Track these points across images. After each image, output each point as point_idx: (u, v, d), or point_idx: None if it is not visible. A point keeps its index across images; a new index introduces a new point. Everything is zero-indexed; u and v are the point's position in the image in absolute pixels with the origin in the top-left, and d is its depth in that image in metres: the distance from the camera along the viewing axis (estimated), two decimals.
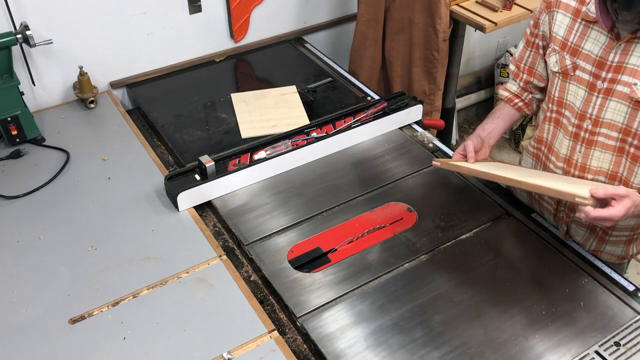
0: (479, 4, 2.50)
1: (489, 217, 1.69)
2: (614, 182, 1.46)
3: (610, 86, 1.36)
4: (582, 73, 1.41)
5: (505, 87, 1.73)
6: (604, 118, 1.40)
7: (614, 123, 1.38)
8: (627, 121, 1.36)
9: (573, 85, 1.44)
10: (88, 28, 2.13)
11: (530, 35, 1.59)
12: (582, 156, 1.47)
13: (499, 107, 1.73)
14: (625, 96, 1.34)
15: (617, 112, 1.37)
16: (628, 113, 1.35)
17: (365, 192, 1.80)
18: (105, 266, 1.55)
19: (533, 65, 1.61)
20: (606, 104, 1.38)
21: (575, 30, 1.41)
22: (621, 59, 1.33)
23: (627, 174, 1.42)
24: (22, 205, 1.73)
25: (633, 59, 1.31)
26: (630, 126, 1.36)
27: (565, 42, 1.44)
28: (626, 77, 1.33)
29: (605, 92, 1.37)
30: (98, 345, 1.36)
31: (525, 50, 1.62)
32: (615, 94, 1.36)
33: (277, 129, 2.01)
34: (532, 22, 1.57)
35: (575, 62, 1.42)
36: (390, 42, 2.52)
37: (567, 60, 1.43)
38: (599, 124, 1.41)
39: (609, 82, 1.36)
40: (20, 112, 1.91)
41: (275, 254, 1.59)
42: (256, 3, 2.44)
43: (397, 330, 1.39)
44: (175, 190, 1.69)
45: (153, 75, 2.34)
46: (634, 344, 1.35)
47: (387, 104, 2.05)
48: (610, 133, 1.40)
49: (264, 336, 1.38)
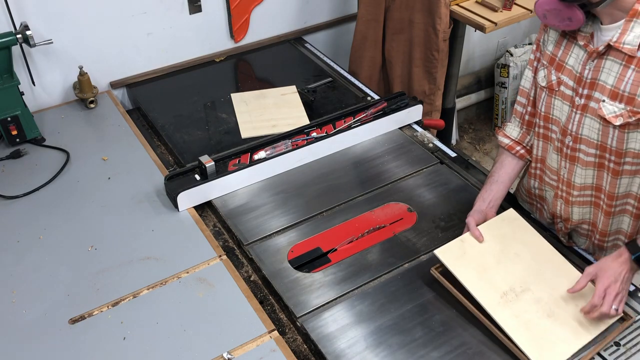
0: (479, 4, 2.50)
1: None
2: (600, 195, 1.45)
3: (586, 102, 1.35)
4: (565, 88, 1.40)
5: (505, 134, 1.64)
6: (582, 135, 1.39)
7: (590, 140, 1.38)
8: (600, 138, 1.35)
9: (558, 101, 1.43)
10: (88, 28, 2.13)
11: (534, 60, 1.53)
12: (567, 172, 1.47)
13: (497, 167, 1.62)
14: (595, 113, 1.33)
15: (591, 129, 1.36)
16: (600, 130, 1.34)
17: (365, 192, 1.80)
18: (105, 266, 1.55)
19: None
20: (582, 121, 1.37)
21: (562, 45, 1.40)
22: (594, 75, 1.32)
23: (610, 188, 1.41)
24: (22, 205, 1.73)
25: (603, 76, 1.30)
26: (604, 142, 1.35)
27: (554, 57, 1.42)
28: (597, 94, 1.32)
29: (582, 108, 1.36)
30: (98, 345, 1.36)
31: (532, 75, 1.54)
32: (589, 111, 1.35)
33: (277, 129, 2.01)
34: (534, 47, 1.53)
35: (560, 77, 1.41)
36: (390, 42, 2.52)
37: (553, 75, 1.42)
38: (578, 141, 1.40)
39: (585, 98, 1.35)
40: (20, 112, 1.91)
41: (275, 254, 1.59)
42: (256, 3, 2.44)
43: (397, 330, 1.39)
44: (175, 190, 1.69)
45: (153, 75, 2.34)
46: (634, 344, 1.35)
47: (387, 104, 2.05)
48: (588, 150, 1.39)
49: (264, 336, 1.38)
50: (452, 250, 1.46)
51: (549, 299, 1.39)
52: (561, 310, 1.37)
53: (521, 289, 1.40)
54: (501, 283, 1.41)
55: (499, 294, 1.38)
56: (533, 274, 1.44)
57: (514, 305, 1.37)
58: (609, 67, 1.29)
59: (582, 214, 1.51)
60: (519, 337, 1.30)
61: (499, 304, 1.36)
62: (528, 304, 1.38)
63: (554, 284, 1.41)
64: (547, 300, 1.38)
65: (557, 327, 1.34)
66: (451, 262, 1.43)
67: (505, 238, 1.50)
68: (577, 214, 1.52)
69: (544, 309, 1.37)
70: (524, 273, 1.44)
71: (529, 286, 1.41)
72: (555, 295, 1.39)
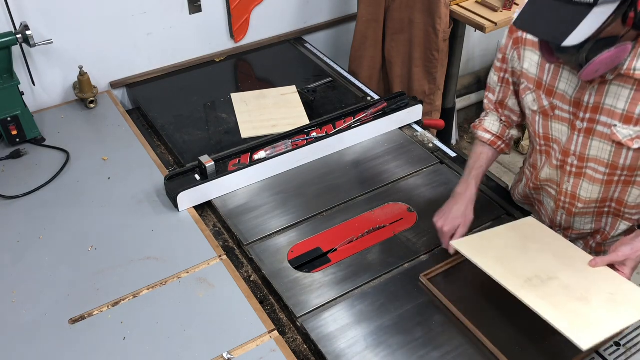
0: (479, 4, 2.50)
1: (489, 217, 1.69)
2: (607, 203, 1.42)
3: (590, 126, 1.31)
4: (561, 112, 1.36)
5: (485, 128, 1.59)
6: (589, 155, 1.35)
7: (599, 159, 1.34)
8: (612, 158, 1.32)
9: (556, 123, 1.39)
10: (88, 28, 2.13)
11: (499, 70, 1.50)
12: (572, 186, 1.44)
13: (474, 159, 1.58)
14: (606, 136, 1.30)
15: (601, 150, 1.33)
16: (612, 152, 1.31)
17: (365, 192, 1.80)
18: (105, 266, 1.55)
19: (504, 100, 1.54)
20: (589, 143, 1.34)
21: (547, 69, 1.35)
22: (597, 99, 1.27)
23: (620, 195, 1.39)
24: (22, 205, 1.73)
25: (609, 100, 1.25)
26: (616, 162, 1.32)
27: (540, 82, 1.37)
28: (604, 118, 1.28)
29: (586, 131, 1.32)
30: (98, 345, 1.36)
31: (497, 83, 1.53)
32: (596, 134, 1.31)
33: (277, 129, 2.01)
34: (499, 56, 1.48)
35: (553, 102, 1.36)
36: (390, 42, 2.52)
37: (544, 100, 1.38)
38: (585, 160, 1.37)
39: (588, 121, 1.31)
40: (20, 112, 1.91)
41: (275, 254, 1.59)
42: (256, 3, 2.44)
43: (397, 330, 1.38)
44: (175, 190, 1.69)
45: (153, 75, 2.34)
46: (634, 344, 1.35)
47: (387, 104, 2.05)
48: (597, 167, 1.36)
49: (264, 336, 1.38)
50: (470, 243, 1.44)
51: (578, 285, 1.28)
52: (592, 296, 1.26)
53: (547, 277, 1.31)
54: (525, 270, 1.33)
55: (523, 279, 1.30)
56: (559, 265, 1.35)
57: (540, 289, 1.28)
58: (616, 91, 1.24)
59: (584, 223, 1.50)
60: (548, 315, 1.20)
61: (524, 288, 1.28)
62: (556, 289, 1.28)
63: (582, 273, 1.32)
64: (576, 287, 1.28)
65: (590, 310, 1.23)
66: (469, 251, 1.39)
67: (527, 237, 1.45)
68: (580, 223, 1.50)
69: (573, 293, 1.27)
70: (549, 263, 1.35)
71: (555, 274, 1.32)
72: (585, 283, 1.29)
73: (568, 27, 1.04)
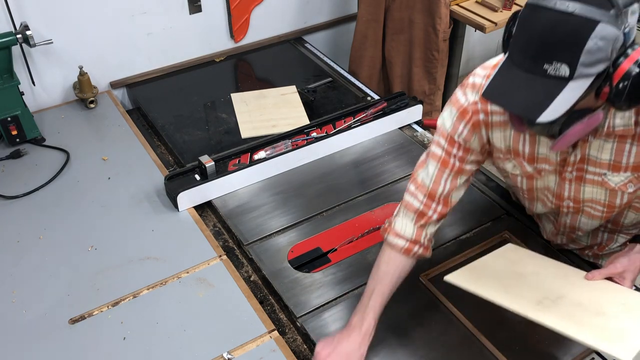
0: (479, 4, 2.50)
1: (489, 217, 1.69)
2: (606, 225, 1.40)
3: (580, 174, 1.25)
4: (547, 173, 1.29)
5: (397, 233, 1.33)
6: (584, 198, 1.30)
7: (596, 200, 1.30)
8: (608, 199, 1.28)
9: (541, 180, 1.32)
10: (88, 28, 2.13)
11: (446, 155, 1.29)
12: (570, 220, 1.40)
13: (374, 288, 1.31)
14: (598, 183, 1.25)
15: (596, 193, 1.27)
16: (607, 194, 1.27)
17: (365, 192, 1.80)
18: (105, 266, 1.55)
19: (452, 191, 1.32)
20: (582, 189, 1.29)
21: (522, 139, 1.26)
22: (582, 152, 1.21)
23: (616, 218, 1.36)
24: (22, 205, 1.73)
25: (593, 151, 1.20)
26: (613, 202, 1.28)
27: (517, 151, 1.28)
28: (592, 168, 1.23)
29: (577, 179, 1.27)
30: (98, 345, 1.36)
31: (442, 174, 1.30)
32: (587, 181, 1.26)
33: (277, 129, 2.01)
34: (442, 142, 1.29)
35: (537, 166, 1.29)
36: (390, 42, 2.52)
37: (528, 167, 1.30)
38: (580, 202, 1.31)
39: (577, 171, 1.25)
40: (20, 112, 1.91)
41: (275, 254, 1.59)
42: (256, 3, 2.44)
43: (397, 330, 1.38)
44: (175, 190, 1.69)
45: (153, 75, 2.34)
46: None
47: (387, 104, 2.05)
48: (595, 206, 1.32)
49: (264, 336, 1.38)
50: (465, 275, 1.31)
51: (589, 301, 1.21)
52: (608, 309, 1.19)
53: (556, 297, 1.22)
54: (532, 294, 1.23)
55: (534, 302, 1.20)
56: (561, 284, 1.27)
57: (555, 310, 1.18)
58: (599, 145, 1.18)
59: (581, 240, 1.48)
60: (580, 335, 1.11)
61: (540, 311, 1.18)
62: (570, 308, 1.19)
63: (586, 289, 1.25)
64: (588, 303, 1.20)
65: (613, 323, 1.15)
66: (468, 284, 1.27)
67: (516, 262, 1.36)
68: (579, 243, 1.49)
69: (589, 309, 1.19)
70: (551, 284, 1.27)
71: (562, 294, 1.23)
72: (594, 298, 1.22)
73: (543, 102, 0.97)
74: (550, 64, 0.96)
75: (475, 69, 1.29)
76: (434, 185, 1.31)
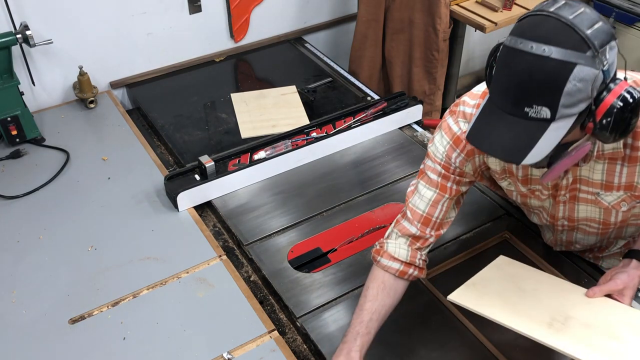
0: (479, 4, 2.50)
1: (489, 217, 1.69)
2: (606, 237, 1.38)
3: (573, 194, 1.26)
4: (540, 194, 1.30)
5: (392, 256, 1.30)
6: (578, 217, 1.30)
7: (590, 218, 1.30)
8: (603, 217, 1.27)
9: (535, 200, 1.33)
10: (88, 28, 2.13)
11: (443, 180, 1.29)
12: (567, 236, 1.41)
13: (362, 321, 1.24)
14: (592, 202, 1.25)
15: (590, 212, 1.28)
16: (602, 212, 1.27)
17: (365, 192, 1.80)
18: (105, 266, 1.55)
19: (446, 214, 1.32)
20: (576, 208, 1.28)
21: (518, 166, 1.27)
22: (573, 175, 1.22)
23: (616, 234, 1.36)
24: (22, 205, 1.73)
25: (584, 172, 1.20)
26: (608, 220, 1.28)
27: (512, 172, 1.29)
28: (585, 187, 1.23)
29: (571, 199, 1.27)
30: (98, 345, 1.36)
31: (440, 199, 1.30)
32: (581, 200, 1.26)
33: (277, 129, 2.01)
34: (438, 168, 1.29)
35: (530, 187, 1.30)
36: (390, 42, 2.52)
37: (522, 187, 1.31)
38: (575, 221, 1.32)
39: (570, 191, 1.26)
40: (20, 112, 1.91)
41: (275, 254, 1.59)
42: (256, 3, 2.44)
43: (397, 330, 1.38)
44: (175, 190, 1.69)
45: (153, 75, 2.34)
46: None
47: (387, 104, 2.05)
48: (590, 224, 1.32)
49: (264, 336, 1.38)
50: (467, 294, 1.27)
51: (597, 322, 1.18)
52: (616, 330, 1.16)
53: (563, 318, 1.18)
54: (540, 315, 1.19)
55: (545, 324, 1.17)
56: (563, 302, 1.23)
57: (568, 333, 1.14)
58: (590, 166, 1.18)
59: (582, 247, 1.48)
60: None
61: (552, 335, 1.14)
62: (581, 330, 1.16)
63: (589, 307, 1.22)
64: (596, 324, 1.17)
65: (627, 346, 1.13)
66: (473, 304, 1.23)
67: (514, 277, 1.32)
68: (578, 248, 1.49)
69: (600, 331, 1.16)
70: (555, 303, 1.23)
71: (568, 314, 1.19)
72: (601, 318, 1.19)
73: (527, 145, 0.97)
74: (530, 107, 0.96)
75: (463, 97, 1.28)
76: (430, 210, 1.30)
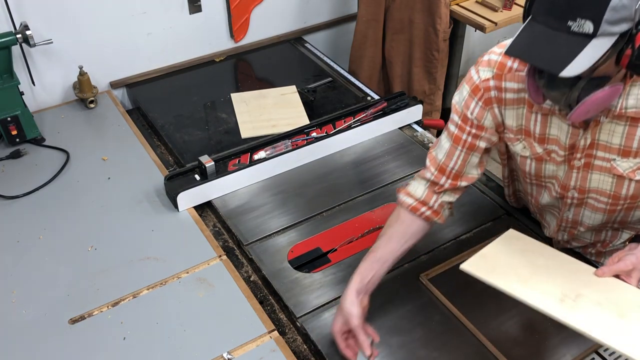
0: (479, 4, 2.50)
1: (489, 217, 1.69)
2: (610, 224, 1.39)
3: (588, 161, 1.26)
4: (556, 155, 1.31)
5: (408, 192, 1.39)
6: (589, 187, 1.31)
7: (601, 190, 1.31)
8: (614, 189, 1.28)
9: (550, 165, 1.34)
10: (88, 28, 2.13)
11: (459, 131, 1.33)
12: (573, 214, 1.41)
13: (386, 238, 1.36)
14: (606, 169, 1.25)
15: (602, 182, 1.28)
16: (614, 183, 1.27)
17: (365, 192, 1.80)
18: (105, 266, 1.55)
19: (463, 167, 1.36)
20: (589, 177, 1.29)
21: (534, 120, 1.28)
22: (591, 137, 1.23)
23: (623, 218, 1.37)
24: (22, 205, 1.73)
25: (603, 136, 1.21)
26: (619, 193, 1.29)
27: (528, 130, 1.30)
28: (601, 153, 1.24)
29: (585, 166, 1.28)
30: (98, 345, 1.36)
31: (454, 150, 1.34)
32: (595, 168, 1.27)
33: (277, 129, 2.01)
34: (456, 119, 1.34)
35: (547, 148, 1.31)
36: (390, 42, 2.52)
37: (538, 148, 1.32)
38: (585, 192, 1.32)
39: (586, 157, 1.26)
40: (20, 112, 1.91)
41: (275, 254, 1.59)
42: (256, 3, 2.44)
43: (397, 330, 1.38)
44: (175, 190, 1.69)
45: (153, 75, 2.34)
46: None
47: (387, 104, 2.05)
48: (599, 198, 1.32)
49: (264, 336, 1.38)
50: (479, 264, 1.27)
51: (607, 302, 1.18)
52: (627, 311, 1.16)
53: (575, 295, 1.19)
54: (552, 290, 1.19)
55: (556, 300, 1.17)
56: (574, 280, 1.23)
57: (579, 310, 1.15)
58: (609, 128, 1.19)
59: (584, 238, 1.48)
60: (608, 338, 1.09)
61: (564, 310, 1.15)
62: (592, 308, 1.17)
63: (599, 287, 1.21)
64: (606, 304, 1.17)
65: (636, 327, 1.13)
66: (486, 275, 1.23)
67: (524, 252, 1.32)
68: (582, 240, 1.49)
69: (610, 311, 1.16)
70: (566, 280, 1.23)
71: (578, 291, 1.19)
72: (611, 298, 1.19)
73: (566, 57, 0.99)
74: (574, 21, 0.98)
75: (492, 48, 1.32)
76: (446, 160, 1.36)
